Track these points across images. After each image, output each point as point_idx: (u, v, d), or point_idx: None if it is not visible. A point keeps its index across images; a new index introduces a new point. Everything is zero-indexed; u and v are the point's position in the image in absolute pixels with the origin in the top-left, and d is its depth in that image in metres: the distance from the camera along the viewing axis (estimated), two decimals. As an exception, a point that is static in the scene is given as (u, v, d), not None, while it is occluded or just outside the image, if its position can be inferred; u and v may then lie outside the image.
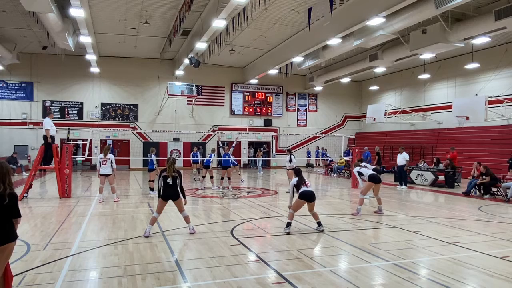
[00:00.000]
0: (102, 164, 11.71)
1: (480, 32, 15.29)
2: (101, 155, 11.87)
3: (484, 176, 13.59)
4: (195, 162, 18.49)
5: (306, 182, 8.03)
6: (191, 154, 18.88)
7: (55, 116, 23.86)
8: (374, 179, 10.00)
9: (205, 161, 15.91)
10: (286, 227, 7.91)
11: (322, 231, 7.91)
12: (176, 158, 7.92)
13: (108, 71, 25.55)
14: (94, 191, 14.65)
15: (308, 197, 7.91)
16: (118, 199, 12.12)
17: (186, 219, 7.72)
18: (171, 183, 7.41)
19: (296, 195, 8.02)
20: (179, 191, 7.53)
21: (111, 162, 11.76)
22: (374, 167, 11.59)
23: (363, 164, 10.70)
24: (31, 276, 5.17)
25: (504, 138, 19.40)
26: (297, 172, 8.34)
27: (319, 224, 8.04)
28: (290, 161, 14.39)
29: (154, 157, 13.58)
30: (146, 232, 7.40)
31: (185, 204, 7.68)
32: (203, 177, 15.93)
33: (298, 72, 27.14)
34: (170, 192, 7.45)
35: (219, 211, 10.58)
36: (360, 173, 10.36)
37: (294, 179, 8.15)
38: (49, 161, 12.88)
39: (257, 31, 19.42)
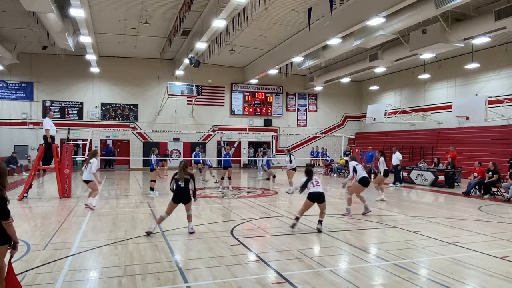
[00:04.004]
0: (84, 169, 10.68)
1: (480, 32, 15.28)
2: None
3: (490, 173, 13.58)
4: (197, 162, 18.52)
5: (316, 182, 7.97)
6: (193, 154, 18.98)
7: (55, 116, 23.83)
8: (364, 182, 9.71)
9: (223, 161, 15.69)
10: (295, 219, 8.06)
11: (319, 231, 7.87)
12: (186, 163, 7.91)
13: (108, 71, 25.54)
14: (94, 191, 14.64)
15: (317, 198, 7.88)
16: (92, 207, 10.35)
17: (189, 217, 7.75)
18: (182, 185, 7.50)
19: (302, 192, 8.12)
20: (191, 192, 7.62)
21: (92, 167, 10.47)
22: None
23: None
24: (31, 276, 5.17)
25: (504, 138, 19.39)
26: (307, 172, 8.24)
27: (320, 222, 8.04)
28: (290, 161, 14.40)
29: (153, 157, 13.56)
30: (150, 228, 7.49)
31: (195, 200, 7.86)
32: (222, 178, 15.63)
33: (298, 72, 27.13)
34: (181, 195, 7.53)
35: (219, 211, 10.58)
36: (354, 169, 9.99)
37: (303, 179, 8.13)
38: (49, 161, 12.88)
39: (257, 31, 19.42)
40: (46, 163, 13.02)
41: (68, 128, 24.57)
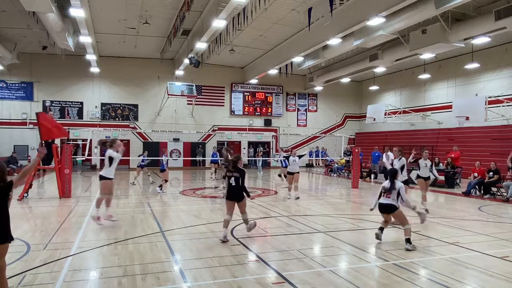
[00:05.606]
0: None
1: (480, 32, 15.28)
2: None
3: (491, 173, 13.59)
4: (214, 162, 19.15)
5: (386, 193, 6.95)
6: (211, 154, 19.84)
7: (55, 116, 23.84)
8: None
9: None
10: (379, 230, 7.13)
11: (408, 249, 6.61)
12: (239, 156, 7.52)
13: (108, 71, 25.53)
14: (94, 191, 14.65)
15: (381, 209, 7.05)
16: (112, 219, 8.60)
17: (245, 221, 7.47)
18: (233, 183, 7.19)
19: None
20: (242, 189, 7.25)
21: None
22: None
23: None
24: (31, 276, 5.17)
25: (504, 138, 19.38)
26: (390, 173, 7.19)
27: (406, 240, 6.70)
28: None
29: (164, 158, 14.09)
30: (223, 237, 7.02)
31: (252, 198, 7.76)
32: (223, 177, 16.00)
33: (298, 72, 27.13)
34: (234, 192, 7.24)
35: (219, 211, 10.57)
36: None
37: (384, 183, 7.21)
38: (49, 161, 12.88)
39: (257, 31, 19.42)
40: (46, 163, 13.02)
41: (68, 128, 24.55)
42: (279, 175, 18.44)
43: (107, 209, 8.66)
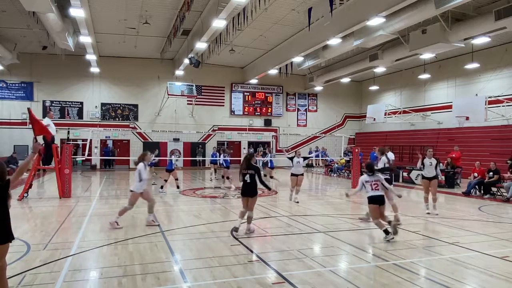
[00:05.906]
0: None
1: (480, 32, 15.27)
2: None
3: (491, 173, 13.60)
4: (214, 162, 19.12)
5: (375, 186, 7.34)
6: (211, 154, 20.04)
7: (55, 116, 23.82)
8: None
9: (224, 162, 16.26)
10: (386, 234, 7.20)
11: (388, 240, 7.08)
12: (252, 153, 8.08)
13: (108, 71, 25.53)
14: (94, 191, 14.65)
15: (374, 201, 7.30)
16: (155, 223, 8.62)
17: (249, 219, 7.83)
18: (248, 180, 7.61)
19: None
20: (262, 184, 7.74)
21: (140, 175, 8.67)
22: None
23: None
24: (31, 276, 5.17)
25: (504, 138, 19.38)
26: (368, 167, 7.52)
27: (387, 228, 7.17)
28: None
29: (173, 158, 14.22)
30: (237, 225, 7.62)
31: (269, 190, 8.23)
32: (222, 177, 16.24)
33: (298, 72, 27.12)
34: (248, 189, 7.67)
35: (219, 211, 10.58)
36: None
37: (363, 177, 7.55)
38: (49, 161, 12.88)
39: (257, 31, 19.41)
40: (46, 163, 13.02)
41: (68, 128, 24.56)
42: (265, 175, 18.37)
43: (150, 215, 8.63)
